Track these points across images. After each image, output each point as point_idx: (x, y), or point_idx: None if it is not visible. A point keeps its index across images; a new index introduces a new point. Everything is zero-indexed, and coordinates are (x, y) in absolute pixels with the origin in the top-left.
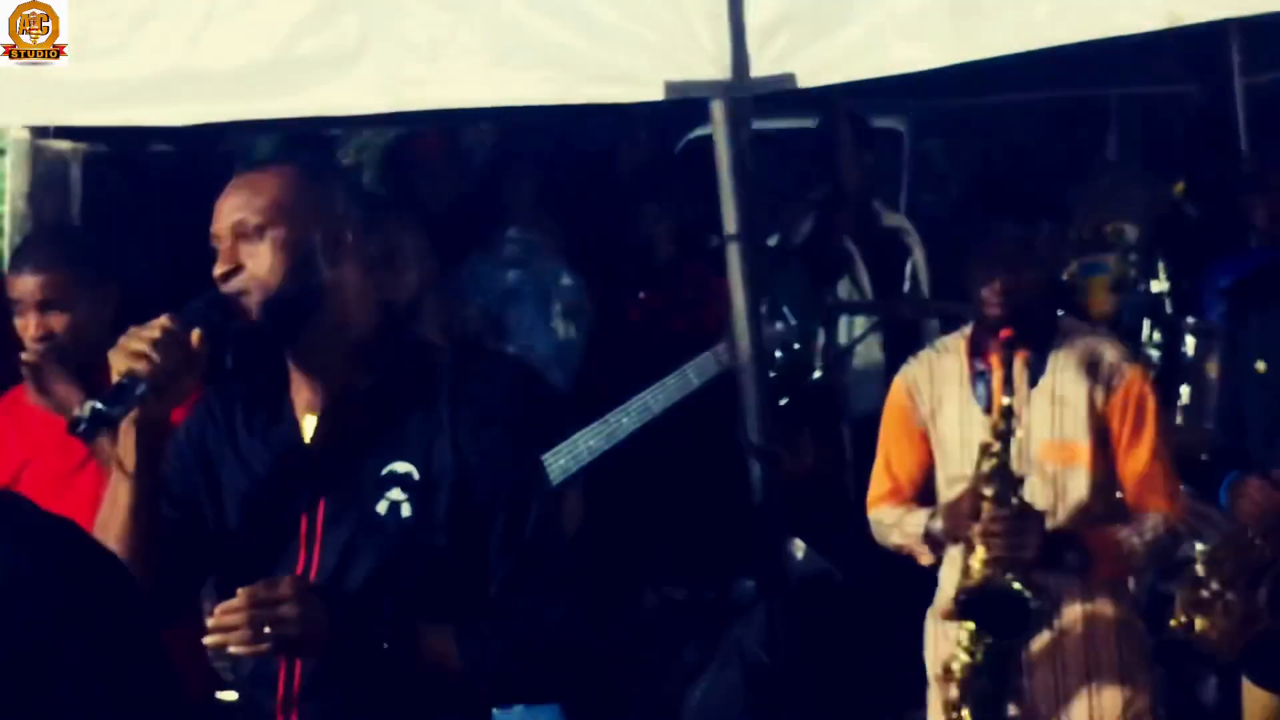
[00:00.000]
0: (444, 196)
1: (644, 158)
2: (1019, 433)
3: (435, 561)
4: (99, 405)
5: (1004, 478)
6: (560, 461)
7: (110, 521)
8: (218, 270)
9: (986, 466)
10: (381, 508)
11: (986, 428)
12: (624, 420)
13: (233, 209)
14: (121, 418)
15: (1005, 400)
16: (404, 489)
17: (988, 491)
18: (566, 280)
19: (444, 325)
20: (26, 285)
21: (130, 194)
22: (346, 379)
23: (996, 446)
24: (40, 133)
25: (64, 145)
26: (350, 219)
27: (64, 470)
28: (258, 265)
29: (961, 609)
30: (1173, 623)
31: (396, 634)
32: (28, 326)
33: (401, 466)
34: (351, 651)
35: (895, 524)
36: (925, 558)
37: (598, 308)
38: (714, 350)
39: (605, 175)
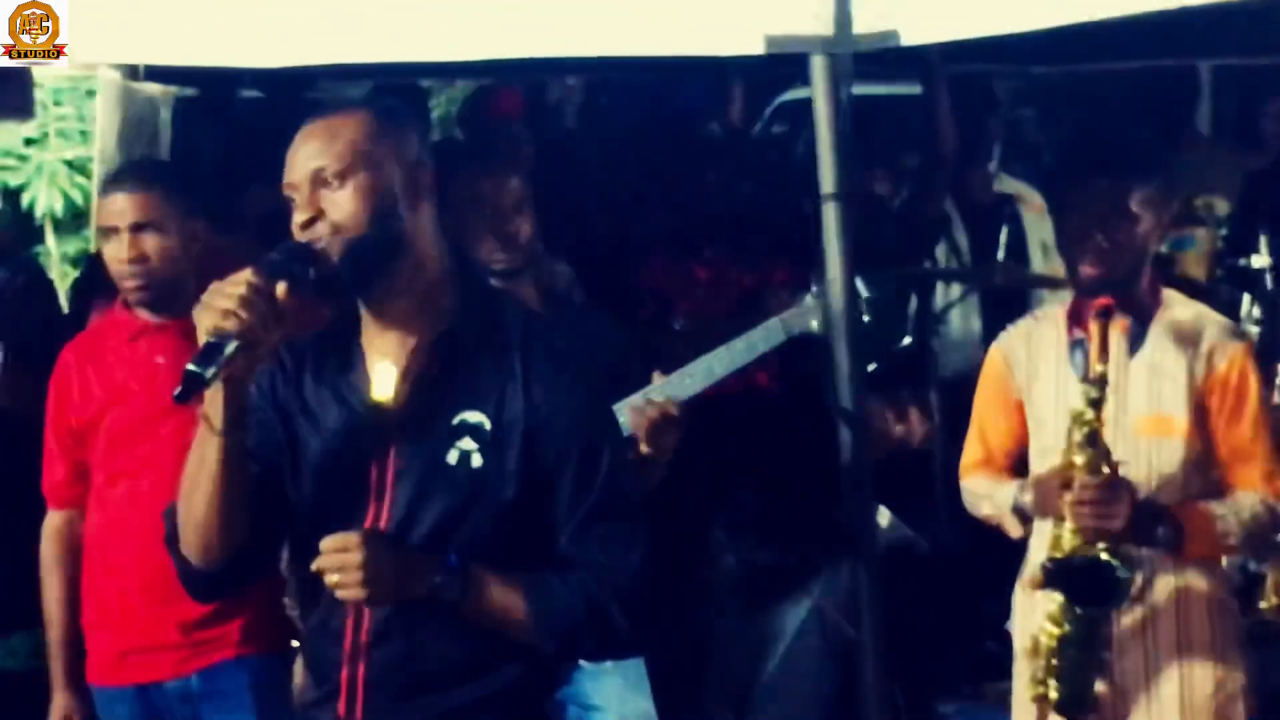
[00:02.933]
0: (523, 152)
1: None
2: (1113, 402)
3: (505, 512)
4: (192, 367)
5: (1095, 447)
6: (622, 418)
7: (199, 478)
8: (298, 219)
9: (1078, 435)
10: (452, 457)
11: (1081, 396)
12: (686, 382)
13: (309, 156)
14: (215, 378)
15: (1099, 368)
16: (475, 438)
17: (1079, 460)
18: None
19: (536, 279)
20: (120, 206)
21: (219, 139)
22: (418, 325)
23: (1089, 415)
24: (131, 74)
25: (154, 88)
26: (425, 162)
27: (149, 415)
28: (339, 212)
29: (1049, 577)
30: (1263, 604)
31: (461, 583)
32: (120, 249)
33: (473, 416)
34: (416, 600)
35: (986, 494)
36: (1015, 530)
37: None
38: (781, 317)
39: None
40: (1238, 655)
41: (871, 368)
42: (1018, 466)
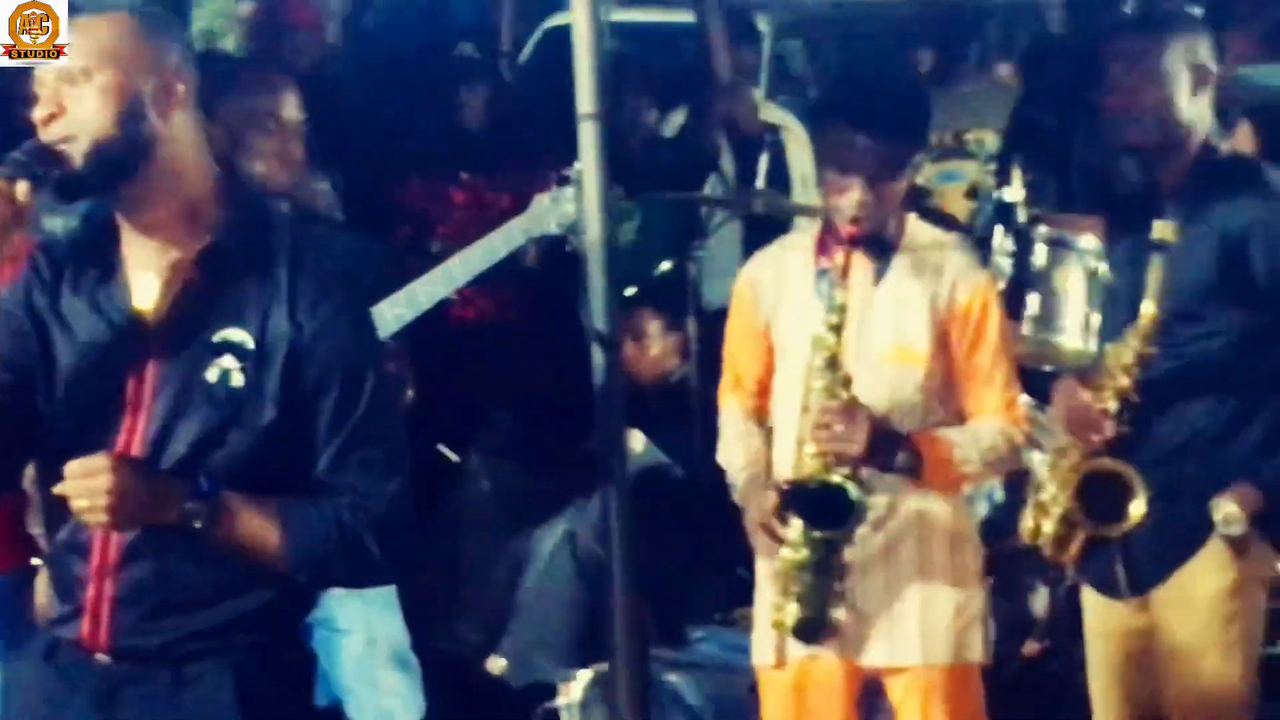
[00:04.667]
0: (312, 64)
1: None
2: (858, 331)
3: (263, 433)
4: None
5: (834, 372)
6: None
7: None
8: (39, 114)
9: (818, 360)
10: (212, 375)
11: (822, 323)
12: (426, 289)
13: None
14: None
15: (839, 297)
16: (236, 356)
17: (818, 385)
18: None
19: (293, 197)
20: None
21: None
22: (181, 238)
23: (829, 340)
24: None
25: None
26: (184, 70)
27: None
28: (82, 110)
29: (785, 500)
30: (1024, 528)
31: (212, 511)
32: None
33: (235, 333)
34: (164, 526)
35: (726, 442)
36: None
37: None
38: (517, 219)
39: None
40: (977, 581)
41: (630, 292)
42: (770, 392)
